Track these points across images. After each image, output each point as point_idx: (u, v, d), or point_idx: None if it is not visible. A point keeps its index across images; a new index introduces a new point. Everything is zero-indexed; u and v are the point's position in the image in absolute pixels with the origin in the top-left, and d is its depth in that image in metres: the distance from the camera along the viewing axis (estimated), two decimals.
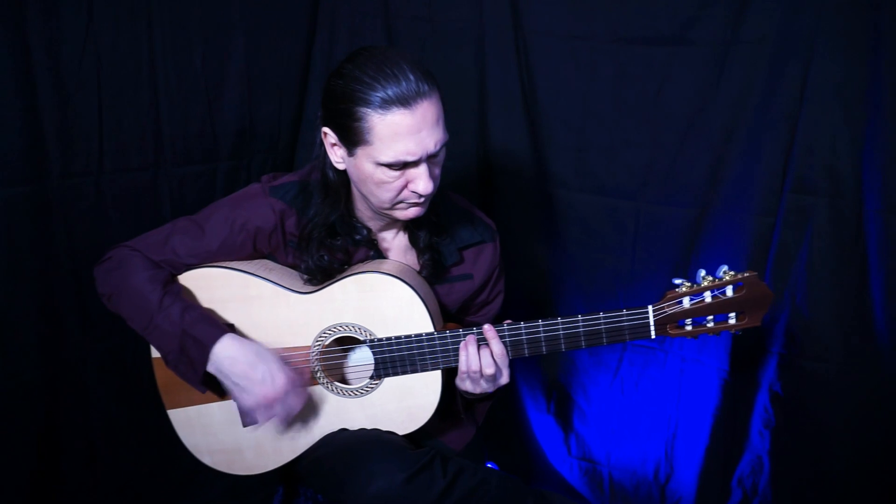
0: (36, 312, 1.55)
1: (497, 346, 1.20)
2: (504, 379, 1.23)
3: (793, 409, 1.65)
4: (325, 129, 1.19)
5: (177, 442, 1.34)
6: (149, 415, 1.45)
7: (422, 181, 1.14)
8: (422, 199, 1.18)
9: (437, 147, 1.14)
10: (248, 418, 1.29)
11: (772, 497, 1.74)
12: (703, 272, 1.17)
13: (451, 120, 1.19)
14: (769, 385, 1.68)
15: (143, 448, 1.82)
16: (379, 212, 1.23)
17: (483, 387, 1.23)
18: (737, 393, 1.74)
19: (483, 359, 1.20)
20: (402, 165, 1.13)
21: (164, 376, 1.28)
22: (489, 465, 1.59)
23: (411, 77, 1.09)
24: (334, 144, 1.19)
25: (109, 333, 1.68)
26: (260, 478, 1.35)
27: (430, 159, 1.15)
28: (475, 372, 1.20)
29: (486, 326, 1.21)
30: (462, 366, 1.21)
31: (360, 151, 1.14)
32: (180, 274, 1.26)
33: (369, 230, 1.31)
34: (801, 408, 1.64)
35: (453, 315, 1.42)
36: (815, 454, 1.65)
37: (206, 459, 1.31)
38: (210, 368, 1.16)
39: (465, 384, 1.24)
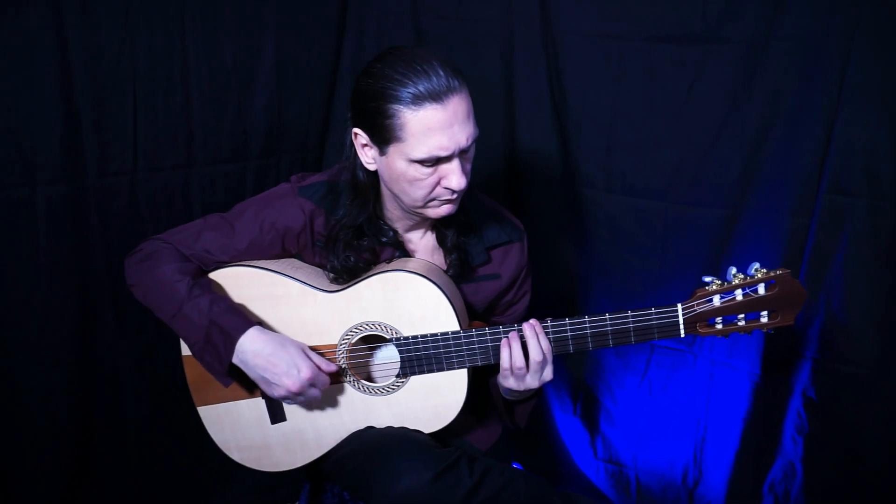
0: (73, 309, 1.59)
1: (544, 341, 1.19)
2: (549, 374, 1.22)
3: (827, 415, 1.61)
4: (356, 130, 1.19)
5: (205, 438, 1.36)
6: (179, 411, 1.47)
7: (455, 176, 1.14)
8: (454, 196, 1.18)
9: (469, 141, 1.14)
10: (275, 415, 1.30)
11: None
12: (733, 270, 1.15)
13: (479, 120, 1.19)
14: (802, 390, 1.64)
15: (173, 444, 1.85)
16: (411, 210, 1.24)
17: (528, 383, 1.22)
18: (769, 397, 1.70)
19: (531, 353, 1.19)
20: (435, 161, 1.13)
21: (194, 373, 1.30)
22: (515, 467, 1.58)
23: (441, 73, 1.10)
24: (365, 145, 1.20)
25: (143, 330, 1.72)
26: (287, 475, 1.37)
27: (461, 154, 1.15)
28: (520, 368, 1.20)
29: (530, 324, 1.20)
30: (505, 362, 1.21)
31: (392, 149, 1.14)
32: (209, 270, 1.28)
33: (396, 231, 1.31)
34: (835, 414, 1.60)
35: (479, 315, 1.41)
36: (850, 462, 1.60)
37: (235, 455, 1.33)
38: (235, 360, 1.18)
39: (508, 381, 1.24)
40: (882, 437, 1.55)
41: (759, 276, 1.14)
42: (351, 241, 1.27)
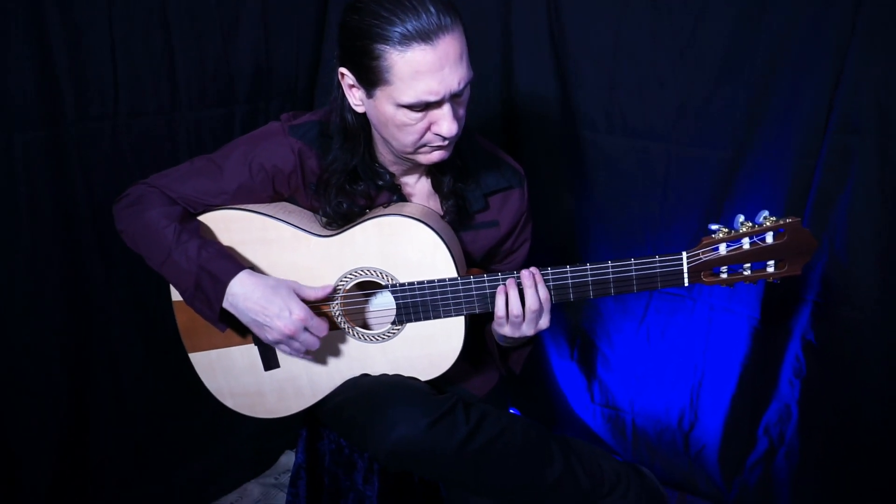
0: (59, 258, 1.55)
1: (543, 290, 1.16)
2: (545, 323, 1.20)
3: (826, 359, 1.61)
4: (343, 70, 1.13)
5: (202, 386, 1.35)
6: (175, 359, 1.45)
7: (445, 122, 1.09)
8: (446, 142, 1.13)
9: (462, 85, 1.07)
10: (268, 362, 1.28)
11: (799, 446, 1.71)
12: (741, 217, 1.11)
13: (474, 61, 1.12)
14: (802, 334, 1.63)
15: (169, 392, 1.85)
16: (401, 156, 1.19)
17: (523, 331, 1.20)
18: (767, 341, 1.70)
19: (529, 302, 1.16)
20: (425, 106, 1.07)
21: (185, 320, 1.27)
22: (512, 412, 1.58)
23: (432, 9, 1.02)
24: (352, 86, 1.13)
25: (133, 278, 1.69)
26: (286, 422, 1.36)
27: (453, 99, 1.09)
28: (517, 317, 1.17)
29: (529, 272, 1.16)
30: (500, 310, 1.18)
31: (379, 92, 1.08)
32: (198, 214, 1.23)
33: (392, 175, 1.27)
34: (834, 357, 1.59)
35: (478, 263, 1.38)
36: (848, 404, 1.61)
37: (229, 402, 1.32)
38: (226, 305, 1.15)
39: (503, 329, 1.21)
40: (881, 381, 1.55)
41: (768, 224, 1.10)
42: (343, 185, 1.23)
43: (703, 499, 1.95)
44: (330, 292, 1.20)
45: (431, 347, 1.24)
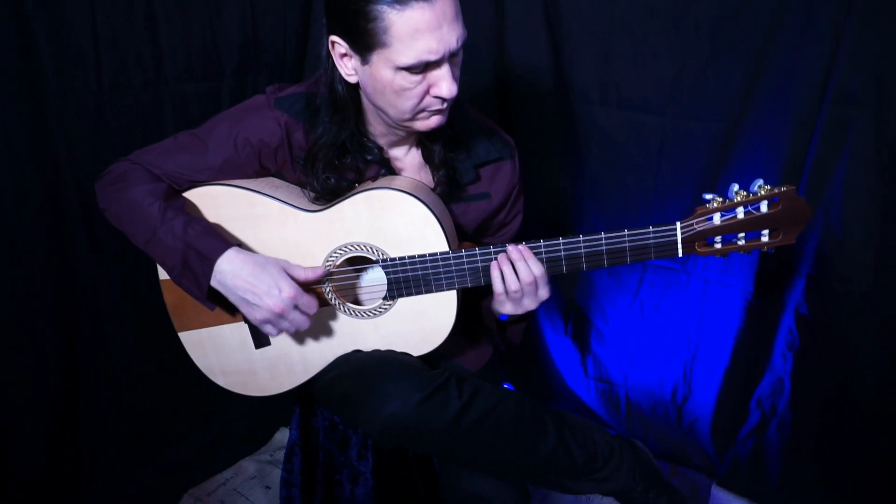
0: (44, 237, 1.53)
1: (535, 264, 1.15)
2: (545, 294, 1.19)
3: (819, 332, 1.61)
4: (333, 38, 1.09)
5: (194, 364, 1.33)
6: (166, 338, 1.44)
7: (445, 83, 1.07)
8: (444, 105, 1.11)
9: (459, 43, 1.06)
10: (259, 340, 1.27)
11: (790, 418, 1.72)
12: (735, 186, 1.10)
13: (467, 32, 1.09)
14: (795, 307, 1.63)
15: (161, 371, 1.84)
16: (398, 125, 1.16)
17: (525, 305, 1.19)
18: (761, 315, 1.69)
19: (522, 275, 1.15)
20: (424, 67, 1.05)
21: (174, 298, 1.26)
22: (506, 387, 1.58)
23: None
24: (344, 55, 1.10)
25: (122, 257, 1.67)
26: (279, 398, 1.35)
27: (451, 59, 1.07)
28: (515, 291, 1.16)
29: (516, 247, 1.15)
30: (498, 287, 1.17)
31: (375, 57, 1.05)
32: (184, 190, 1.21)
33: (381, 148, 1.24)
34: (828, 330, 1.59)
35: (470, 236, 1.36)
36: (840, 377, 1.61)
37: (220, 381, 1.31)
38: (214, 283, 1.13)
39: (504, 307, 1.21)
40: (873, 353, 1.55)
41: (763, 192, 1.09)
42: (332, 160, 1.20)
43: (696, 471, 1.96)
44: (321, 274, 1.18)
45: (424, 322, 1.23)
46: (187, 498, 1.85)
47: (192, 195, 1.21)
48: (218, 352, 1.28)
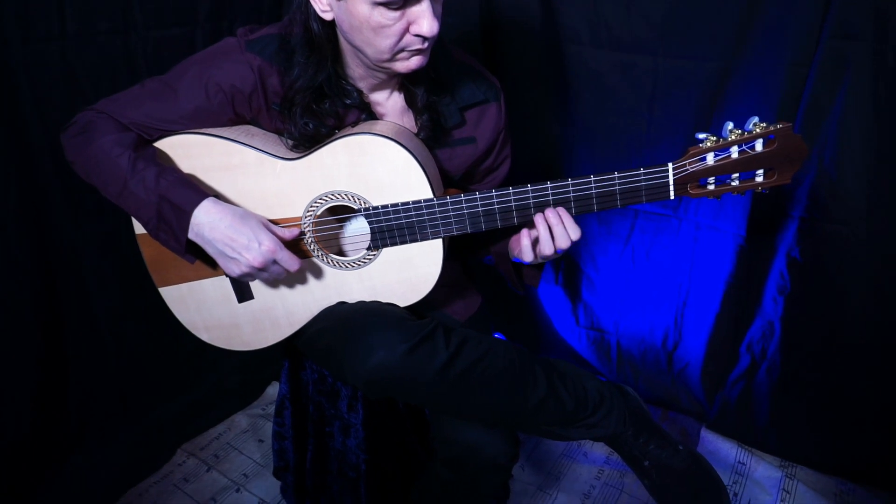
0: (16, 194, 1.47)
1: (573, 228, 1.13)
2: (578, 234, 1.15)
3: (810, 275, 1.59)
4: None
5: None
6: (151, 294, 1.42)
7: (426, 20, 1.01)
8: (425, 45, 1.05)
9: None
10: (241, 294, 1.24)
11: (780, 362, 1.73)
12: (730, 125, 1.06)
13: None
14: (787, 250, 1.61)
15: (148, 328, 1.81)
16: (376, 66, 1.10)
17: (547, 257, 1.18)
18: (752, 259, 1.68)
19: (559, 242, 1.14)
20: (403, 3, 0.99)
21: (152, 253, 1.22)
22: (497, 336, 1.57)
23: None
24: None
25: (100, 212, 1.62)
26: (270, 352, 1.33)
27: None
28: (547, 256, 1.16)
29: (554, 210, 1.12)
30: (528, 255, 1.16)
31: None
32: (154, 140, 1.16)
33: (360, 92, 1.19)
34: (819, 273, 1.58)
35: (456, 182, 1.32)
36: (831, 320, 1.61)
37: (204, 336, 1.28)
38: (191, 236, 1.08)
39: (528, 256, 1.18)
40: (865, 297, 1.54)
41: (758, 130, 1.04)
42: (309, 105, 1.14)
43: (686, 415, 1.98)
44: (297, 234, 1.15)
45: (410, 271, 1.20)
46: (181, 453, 1.86)
47: (164, 145, 1.15)
48: (200, 307, 1.25)
